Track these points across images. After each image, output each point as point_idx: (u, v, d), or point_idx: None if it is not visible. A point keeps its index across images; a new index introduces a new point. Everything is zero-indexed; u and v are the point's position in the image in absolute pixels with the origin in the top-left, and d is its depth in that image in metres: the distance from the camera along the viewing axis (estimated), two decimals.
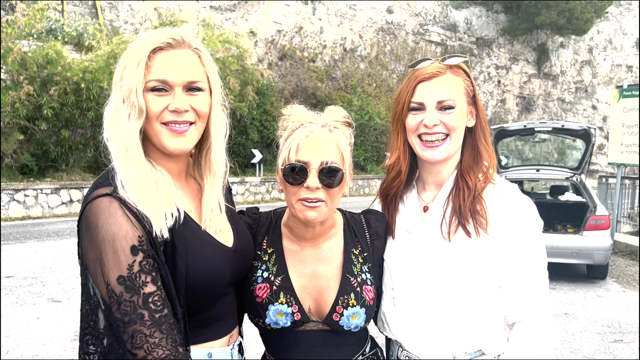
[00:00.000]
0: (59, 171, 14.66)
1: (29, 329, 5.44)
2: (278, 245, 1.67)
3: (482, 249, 1.58)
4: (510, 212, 1.60)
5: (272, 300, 1.58)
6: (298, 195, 1.52)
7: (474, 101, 1.69)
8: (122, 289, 1.23)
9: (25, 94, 13.30)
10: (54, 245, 9.72)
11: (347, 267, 1.64)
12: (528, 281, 1.59)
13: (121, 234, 1.26)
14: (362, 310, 1.60)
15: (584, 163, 8.88)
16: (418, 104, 1.64)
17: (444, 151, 1.63)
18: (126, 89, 1.35)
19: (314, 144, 1.51)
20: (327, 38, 25.18)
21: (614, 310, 6.71)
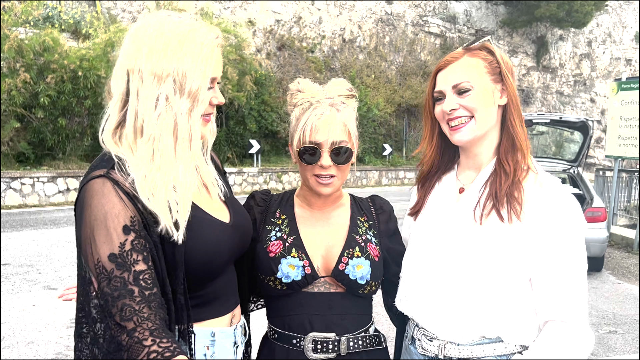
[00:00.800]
0: (56, 159, 14.62)
1: (25, 316, 5.45)
2: (290, 213, 1.80)
3: (513, 236, 1.54)
4: (548, 205, 1.54)
5: (285, 254, 1.67)
6: (313, 171, 1.70)
7: (502, 78, 1.64)
8: (113, 265, 1.24)
9: (22, 81, 13.23)
10: (51, 233, 9.71)
11: (353, 229, 1.78)
12: (562, 280, 1.52)
13: (113, 213, 1.27)
14: (367, 262, 1.70)
15: (581, 156, 8.89)
16: (438, 92, 1.66)
17: (469, 132, 1.62)
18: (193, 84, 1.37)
19: (325, 125, 1.66)
20: (326, 28, 25.08)
21: (609, 302, 6.74)
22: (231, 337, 1.55)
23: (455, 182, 1.74)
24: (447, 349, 1.60)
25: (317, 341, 1.65)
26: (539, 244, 1.53)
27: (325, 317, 1.67)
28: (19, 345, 4.75)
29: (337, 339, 1.66)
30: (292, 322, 1.68)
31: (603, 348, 5.14)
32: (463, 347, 1.58)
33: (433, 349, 1.63)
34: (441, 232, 1.66)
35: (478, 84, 1.61)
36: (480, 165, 1.69)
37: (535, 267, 1.54)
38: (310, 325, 1.67)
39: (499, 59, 1.64)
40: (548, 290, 1.53)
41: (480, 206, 1.60)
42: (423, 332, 1.66)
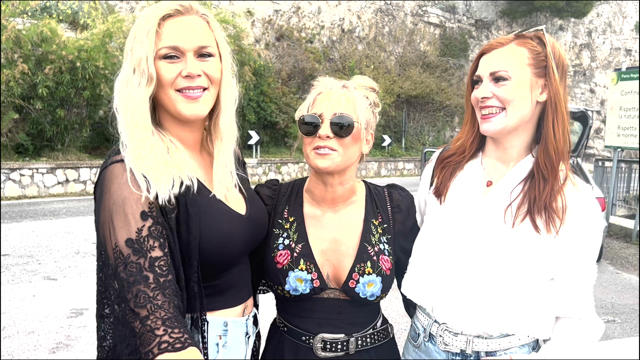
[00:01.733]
0: (55, 151, 14.59)
1: (25, 306, 5.46)
2: (299, 213, 1.71)
3: (544, 244, 1.53)
4: (579, 214, 1.54)
5: (293, 267, 1.62)
6: (312, 144, 1.60)
7: (546, 73, 1.54)
8: (130, 251, 1.24)
9: (20, 72, 13.16)
10: (50, 224, 9.71)
11: (366, 236, 1.68)
12: (583, 281, 1.57)
13: (132, 198, 1.28)
14: (379, 279, 1.64)
15: (580, 146, 8.87)
16: (477, 76, 1.60)
17: (499, 123, 1.55)
18: (137, 57, 1.37)
19: (328, 98, 1.61)
20: (325, 19, 24.96)
21: (608, 292, 6.77)
22: (243, 328, 1.56)
23: (481, 173, 1.66)
24: (475, 343, 1.59)
25: (327, 341, 1.64)
26: (567, 250, 1.54)
27: (335, 322, 1.66)
28: (20, 335, 4.76)
29: (346, 339, 1.66)
30: (302, 322, 1.68)
31: (602, 337, 5.15)
32: (490, 340, 1.59)
33: (459, 344, 1.60)
34: (468, 228, 1.61)
35: (517, 75, 1.53)
36: (509, 159, 1.63)
37: (559, 269, 1.57)
38: (320, 328, 1.66)
39: (549, 52, 1.54)
40: (570, 289, 1.57)
41: (513, 209, 1.55)
42: (445, 328, 1.62)
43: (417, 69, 26.51)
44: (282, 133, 20.54)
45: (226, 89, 1.50)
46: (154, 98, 1.42)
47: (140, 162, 1.33)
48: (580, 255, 1.55)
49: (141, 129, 1.37)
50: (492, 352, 1.58)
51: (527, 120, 1.57)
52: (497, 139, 1.63)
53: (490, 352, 1.58)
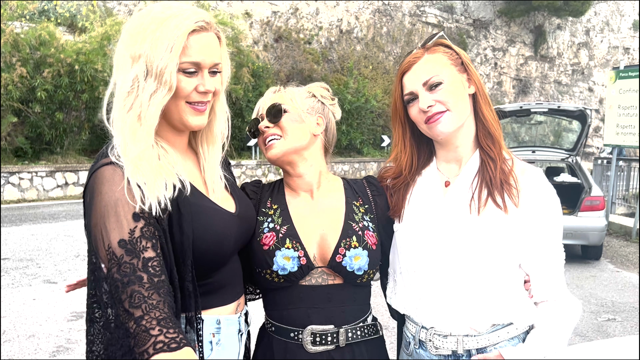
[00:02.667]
0: (54, 154, 14.60)
1: (25, 310, 5.46)
2: (282, 201, 1.76)
3: (511, 224, 1.59)
4: (535, 192, 1.62)
5: (279, 246, 1.64)
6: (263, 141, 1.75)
7: (465, 68, 1.66)
8: (123, 251, 1.25)
9: (18, 76, 13.19)
10: (50, 227, 9.71)
11: (349, 215, 1.73)
12: (552, 262, 1.63)
13: (124, 200, 1.28)
14: (365, 252, 1.66)
15: (579, 144, 8.89)
16: (409, 94, 1.65)
17: (448, 123, 1.61)
18: (158, 66, 1.37)
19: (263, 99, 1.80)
20: (323, 19, 24.98)
21: (608, 290, 6.77)
22: (236, 325, 1.57)
23: (438, 176, 1.72)
24: (465, 342, 1.62)
25: (316, 334, 1.64)
26: (531, 230, 1.60)
27: (324, 310, 1.65)
28: (20, 339, 4.76)
29: (336, 330, 1.65)
30: (290, 315, 1.67)
31: (602, 335, 5.16)
32: (480, 336, 1.62)
33: (450, 345, 1.63)
34: (434, 229, 1.65)
35: (447, 77, 1.62)
36: (461, 157, 1.70)
37: (527, 253, 1.62)
38: (309, 319, 1.65)
39: (457, 50, 1.67)
40: (542, 273, 1.63)
41: (476, 197, 1.61)
42: (434, 332, 1.65)
43: None
44: None
45: (221, 98, 1.57)
46: None
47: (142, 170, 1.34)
48: (544, 233, 1.61)
49: (147, 139, 1.38)
50: (482, 349, 1.61)
51: (468, 114, 1.66)
52: (446, 142, 1.68)
53: (481, 349, 1.61)
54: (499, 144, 1.66)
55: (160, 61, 1.37)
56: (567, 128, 10.36)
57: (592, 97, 33.85)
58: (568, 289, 1.66)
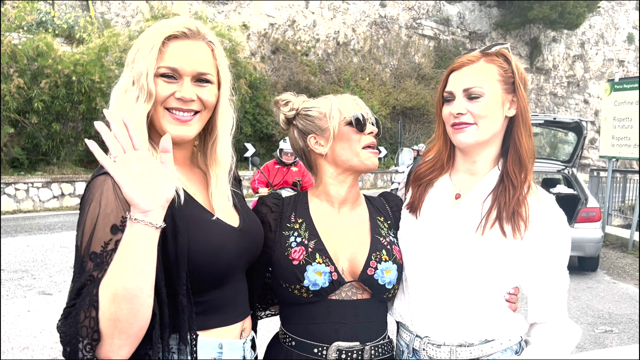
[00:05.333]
0: (50, 165, 14.58)
1: (20, 322, 5.41)
2: (306, 215, 1.73)
3: (512, 250, 1.59)
4: (547, 221, 1.61)
5: (310, 261, 1.60)
6: (362, 142, 1.74)
7: (514, 89, 1.62)
8: (92, 265, 1.24)
9: (16, 86, 13.19)
10: (45, 238, 9.67)
11: (375, 229, 1.73)
12: (556, 286, 1.63)
13: (106, 211, 1.27)
14: (394, 266, 1.66)
15: (575, 156, 8.92)
16: (448, 93, 1.65)
17: (473, 135, 1.60)
18: (137, 71, 1.37)
19: (359, 103, 1.79)
20: (320, 32, 25.11)
21: (605, 302, 6.76)
22: (240, 351, 1.49)
23: (450, 186, 1.71)
24: (459, 352, 1.61)
25: (342, 350, 1.60)
26: (537, 256, 1.60)
27: (351, 326, 1.62)
28: (14, 351, 4.72)
29: (361, 347, 1.62)
30: (317, 330, 1.62)
31: (599, 347, 5.15)
32: (473, 347, 1.61)
33: (443, 355, 1.63)
34: (440, 239, 1.64)
35: (489, 92, 1.59)
36: (476, 172, 1.69)
37: (531, 276, 1.62)
38: (336, 334, 1.61)
39: (514, 68, 1.62)
40: (543, 296, 1.62)
41: (484, 218, 1.60)
42: (427, 341, 1.64)
43: (412, 81, 26.65)
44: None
45: (223, 116, 1.52)
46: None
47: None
48: (549, 261, 1.60)
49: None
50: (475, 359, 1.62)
51: (497, 133, 1.64)
52: (467, 152, 1.68)
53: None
54: (526, 172, 1.63)
55: (140, 66, 1.37)
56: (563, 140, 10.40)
57: (588, 109, 34.02)
58: None
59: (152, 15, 18.50)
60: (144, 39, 1.41)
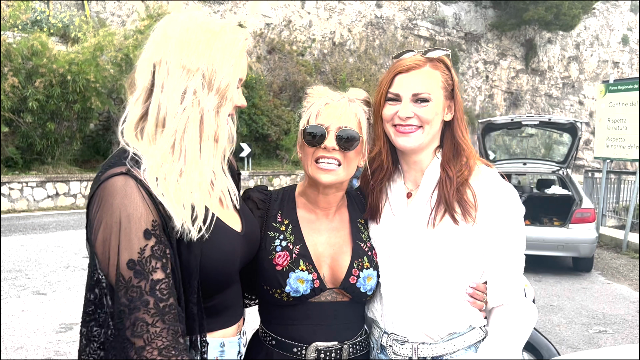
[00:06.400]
0: (45, 164, 14.51)
1: (14, 322, 5.39)
2: (293, 216, 1.71)
3: (467, 236, 1.62)
4: (494, 198, 1.63)
5: (293, 268, 1.60)
6: (315, 155, 1.61)
7: (452, 95, 1.69)
8: (132, 273, 1.19)
9: (10, 85, 13.13)
10: (40, 238, 9.63)
11: (356, 234, 1.72)
12: (512, 267, 1.65)
13: (136, 215, 1.21)
14: (375, 272, 1.68)
15: (570, 157, 8.95)
16: (394, 94, 1.66)
17: (417, 139, 1.65)
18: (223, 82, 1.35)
19: (333, 110, 1.62)
20: (316, 32, 25.11)
21: (599, 302, 6.78)
22: (236, 347, 1.53)
23: (402, 187, 1.76)
24: (420, 349, 1.65)
25: (320, 350, 1.63)
26: (492, 237, 1.63)
27: (330, 327, 1.65)
28: (8, 351, 4.70)
29: (340, 347, 1.65)
30: (296, 331, 1.64)
31: (593, 347, 5.16)
32: (435, 345, 1.65)
33: (406, 352, 1.66)
34: (397, 239, 1.69)
35: (435, 97, 1.64)
36: (421, 170, 1.73)
37: (488, 259, 1.64)
38: (314, 335, 1.63)
39: (454, 75, 1.69)
40: (500, 278, 1.64)
41: (433, 211, 1.64)
42: (393, 338, 1.68)
43: None
44: (274, 145, 20.55)
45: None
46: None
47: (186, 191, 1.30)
48: (501, 240, 1.62)
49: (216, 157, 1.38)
50: (438, 357, 1.64)
51: (435, 135, 1.70)
52: (408, 155, 1.72)
53: (436, 357, 1.64)
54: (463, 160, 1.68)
55: (223, 75, 1.35)
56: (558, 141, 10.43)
57: (583, 110, 34.13)
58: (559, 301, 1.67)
59: (148, 14, 18.44)
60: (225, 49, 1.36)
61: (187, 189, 1.30)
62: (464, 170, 1.65)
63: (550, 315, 6.14)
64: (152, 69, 1.34)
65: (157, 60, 1.34)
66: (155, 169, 1.28)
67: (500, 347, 1.59)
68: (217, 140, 1.36)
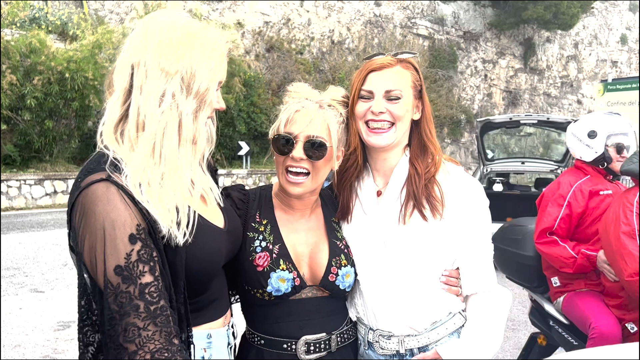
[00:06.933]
0: (43, 162, 14.50)
1: (12, 319, 5.39)
2: (271, 216, 1.74)
3: (437, 230, 1.70)
4: (460, 193, 1.72)
5: (274, 268, 1.63)
6: (285, 164, 1.64)
7: (421, 96, 1.78)
8: (119, 279, 1.18)
9: (8, 83, 13.11)
10: (38, 236, 9.63)
11: (332, 233, 1.77)
12: (482, 256, 1.75)
13: (120, 221, 1.21)
14: (352, 269, 1.73)
15: (568, 156, 8.95)
16: (367, 91, 1.73)
17: (389, 138, 1.71)
18: (202, 86, 1.34)
19: (303, 118, 1.63)
20: (315, 30, 25.09)
21: None
22: (225, 338, 1.55)
23: (372, 186, 1.82)
24: (406, 342, 1.73)
25: (310, 343, 1.66)
26: (461, 230, 1.72)
27: (315, 321, 1.69)
28: (6, 349, 4.70)
29: (328, 337, 1.69)
30: (282, 329, 1.67)
31: None
32: (420, 336, 1.73)
33: (392, 345, 1.73)
34: (370, 237, 1.75)
35: (406, 95, 1.72)
36: (390, 168, 1.80)
37: (458, 250, 1.74)
38: (301, 330, 1.67)
39: (421, 77, 1.79)
40: (472, 268, 1.73)
41: (403, 207, 1.72)
42: (379, 333, 1.75)
43: None
44: None
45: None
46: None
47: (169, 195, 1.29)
48: (469, 232, 1.72)
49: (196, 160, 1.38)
50: (424, 347, 1.72)
51: (405, 133, 1.77)
52: (377, 153, 1.78)
53: (422, 347, 1.72)
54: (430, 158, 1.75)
55: (202, 79, 1.34)
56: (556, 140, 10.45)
57: (581, 109, 34.17)
58: None
59: (146, 12, 18.42)
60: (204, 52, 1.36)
61: (170, 192, 1.30)
62: (430, 167, 1.73)
63: None
64: (130, 70, 1.33)
65: (135, 61, 1.33)
66: (137, 174, 1.27)
67: (480, 331, 1.69)
68: (195, 143, 1.37)
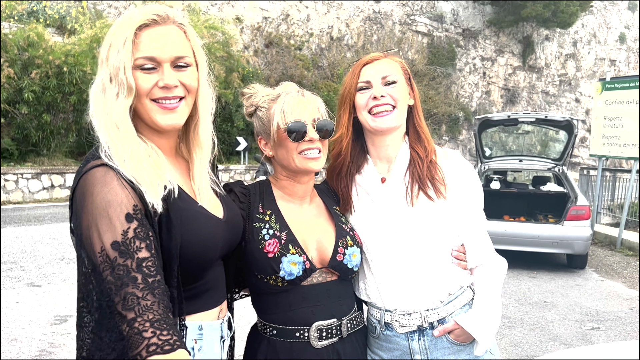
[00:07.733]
0: (40, 156, 14.47)
1: (8, 313, 5.39)
2: (274, 207, 1.80)
3: (442, 209, 1.82)
4: (459, 173, 1.87)
5: (284, 252, 1.68)
6: (299, 148, 1.72)
7: (411, 84, 1.92)
8: (117, 253, 1.22)
9: (6, 77, 13.06)
10: (35, 230, 9.61)
11: (337, 218, 1.86)
12: (481, 231, 1.90)
13: (116, 201, 1.26)
14: (358, 250, 1.81)
15: (566, 154, 8.98)
16: (365, 82, 1.85)
17: (394, 119, 1.83)
18: (114, 67, 1.36)
19: (302, 104, 1.74)
20: (314, 26, 25.05)
21: (593, 299, 6.82)
22: (218, 331, 1.55)
23: (375, 174, 1.91)
24: (428, 315, 1.82)
25: (322, 329, 1.71)
26: (462, 207, 1.85)
27: (326, 306, 1.74)
28: (2, 343, 4.70)
29: (339, 323, 1.75)
30: (296, 315, 1.71)
31: (586, 344, 5.20)
32: (439, 309, 1.83)
33: (414, 321, 1.82)
34: (379, 222, 1.84)
35: (400, 80, 1.86)
36: (390, 155, 1.90)
37: (461, 226, 1.86)
38: (313, 316, 1.71)
39: (407, 68, 1.94)
40: (474, 242, 1.87)
41: (409, 190, 1.83)
42: (398, 313, 1.83)
43: None
44: None
45: (203, 98, 1.50)
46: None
47: (134, 171, 1.33)
48: (470, 207, 1.87)
49: (128, 140, 1.37)
50: (442, 319, 1.83)
51: (404, 118, 1.89)
52: (380, 139, 1.89)
53: (441, 319, 1.83)
54: (425, 142, 1.89)
55: (116, 61, 1.36)
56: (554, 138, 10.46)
57: (579, 107, 34.21)
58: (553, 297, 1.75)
59: None
60: (114, 33, 1.39)
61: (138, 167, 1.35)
62: (429, 151, 1.88)
63: (544, 312, 6.17)
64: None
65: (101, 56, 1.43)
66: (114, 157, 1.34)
67: (490, 299, 1.84)
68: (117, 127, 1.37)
